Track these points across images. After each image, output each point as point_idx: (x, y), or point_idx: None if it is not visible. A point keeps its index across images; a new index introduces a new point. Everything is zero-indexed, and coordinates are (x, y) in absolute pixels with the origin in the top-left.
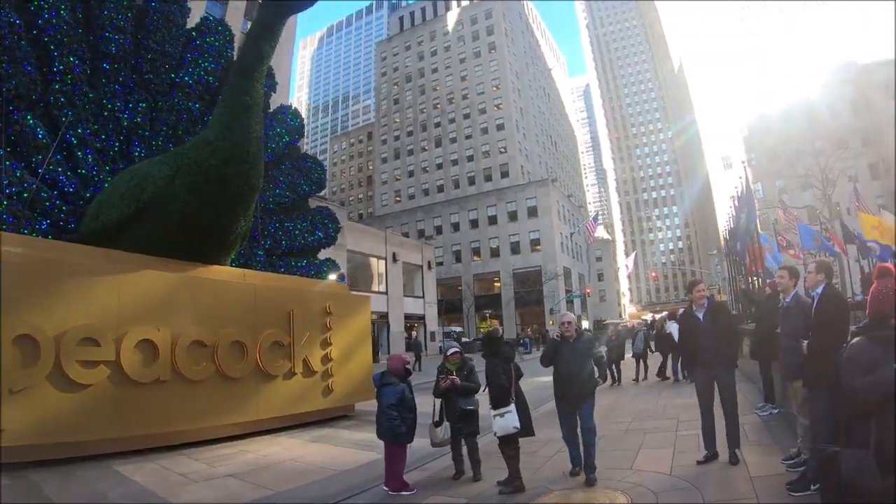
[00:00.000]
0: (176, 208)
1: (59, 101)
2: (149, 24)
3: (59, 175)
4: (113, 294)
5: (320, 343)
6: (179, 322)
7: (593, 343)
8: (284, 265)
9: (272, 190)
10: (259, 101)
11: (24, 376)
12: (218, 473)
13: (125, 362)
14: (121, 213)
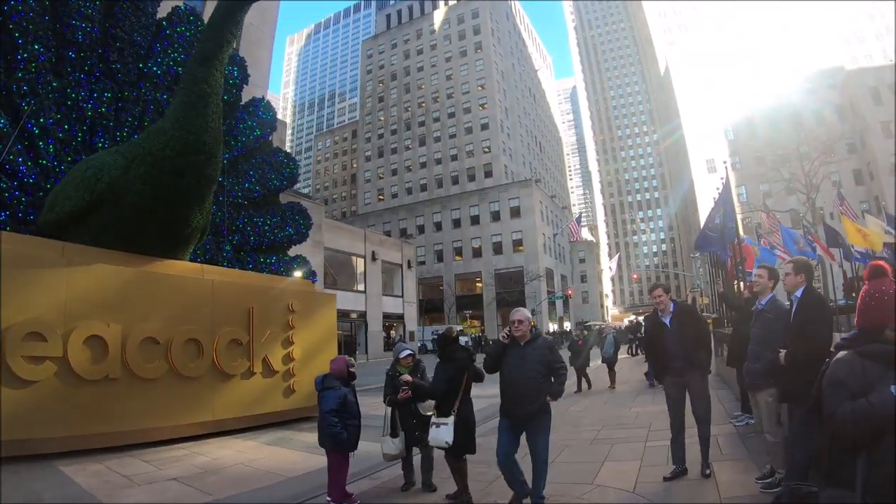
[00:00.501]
0: (130, 200)
1: (22, 90)
2: (117, 12)
3: (20, 165)
4: (61, 288)
5: (282, 342)
6: (131, 318)
7: (552, 349)
8: (253, 261)
9: (241, 184)
10: (218, 91)
11: None
12: (162, 476)
13: (73, 359)
14: (75, 205)
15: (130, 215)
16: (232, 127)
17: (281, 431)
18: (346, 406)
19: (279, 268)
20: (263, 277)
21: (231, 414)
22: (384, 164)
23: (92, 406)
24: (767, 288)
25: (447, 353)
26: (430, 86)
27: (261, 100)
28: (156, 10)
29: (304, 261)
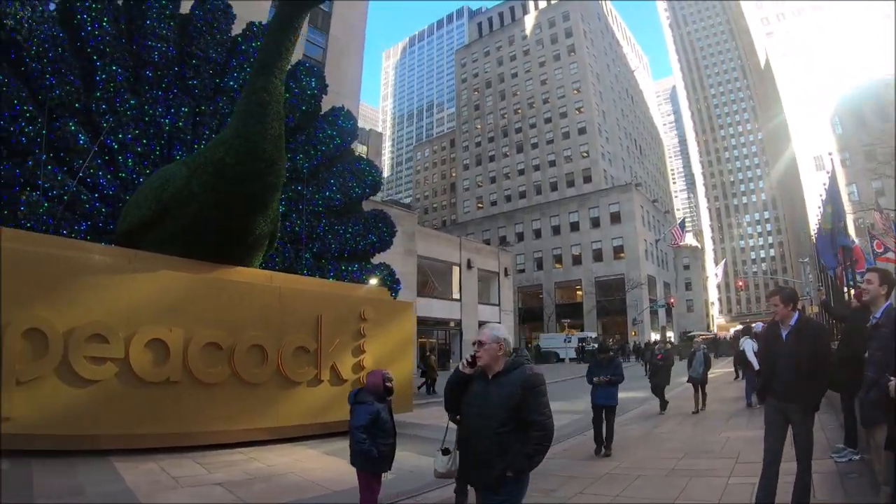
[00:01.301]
0: (194, 209)
1: (101, 108)
2: (192, 31)
3: (100, 178)
4: (125, 293)
5: (352, 350)
6: (194, 323)
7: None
8: (334, 269)
9: (321, 192)
10: (277, 99)
11: (32, 368)
12: (209, 480)
13: (134, 361)
14: (144, 214)
15: (195, 223)
16: (311, 136)
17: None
18: (378, 423)
19: (361, 276)
20: (335, 285)
21: (295, 421)
22: (482, 171)
23: (152, 407)
24: (880, 296)
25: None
26: (525, 91)
27: (341, 109)
28: (230, 27)
29: (388, 269)
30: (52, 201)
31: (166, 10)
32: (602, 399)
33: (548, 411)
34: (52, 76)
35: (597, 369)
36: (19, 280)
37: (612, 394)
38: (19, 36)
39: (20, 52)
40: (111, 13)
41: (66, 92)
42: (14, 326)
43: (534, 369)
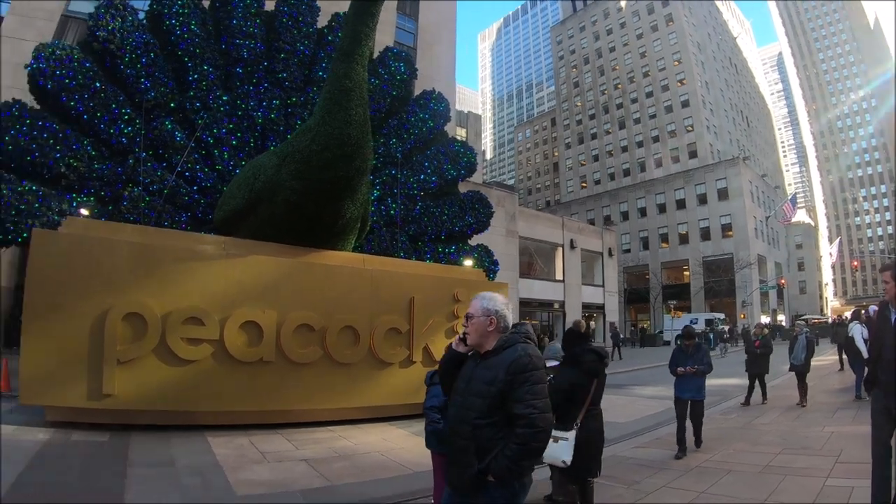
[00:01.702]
0: (284, 196)
1: (195, 106)
2: (279, 27)
3: (198, 172)
4: (220, 277)
5: (445, 332)
6: (287, 305)
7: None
8: (431, 251)
9: (416, 175)
10: (361, 85)
11: (132, 349)
12: (295, 456)
13: (228, 341)
14: (238, 203)
15: (285, 210)
16: (403, 121)
17: None
18: None
19: (458, 257)
20: (429, 267)
21: (387, 401)
22: (585, 150)
23: (245, 385)
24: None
25: (573, 354)
26: (624, 66)
27: (431, 92)
28: (315, 19)
29: (486, 250)
30: (153, 195)
31: (251, 9)
32: (687, 392)
33: (540, 403)
34: (147, 79)
35: (681, 358)
36: (120, 268)
37: (698, 386)
38: (112, 45)
39: (115, 60)
40: (198, 16)
41: (161, 93)
42: (115, 311)
43: (528, 350)
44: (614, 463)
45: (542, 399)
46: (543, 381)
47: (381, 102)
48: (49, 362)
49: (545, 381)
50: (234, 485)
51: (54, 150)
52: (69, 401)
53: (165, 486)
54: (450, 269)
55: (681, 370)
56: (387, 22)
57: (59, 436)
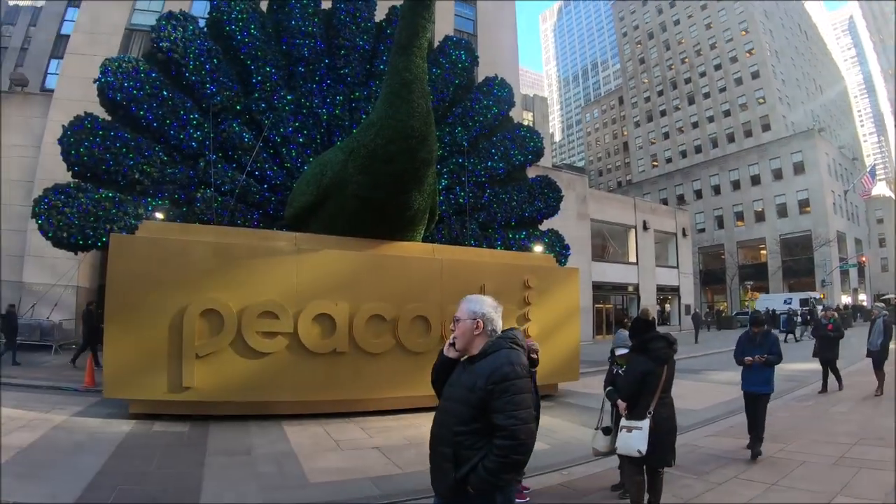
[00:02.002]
0: (352, 190)
1: (261, 107)
2: (336, 24)
3: (267, 171)
4: (292, 272)
5: (517, 319)
6: (358, 297)
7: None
8: (501, 238)
9: (483, 163)
10: (421, 77)
11: (210, 344)
12: (367, 444)
13: (303, 334)
14: (307, 199)
15: (353, 204)
16: (468, 108)
17: None
18: None
19: (529, 243)
20: (498, 254)
21: None
22: (654, 128)
23: (320, 376)
24: None
25: (642, 342)
26: (690, 39)
27: (494, 78)
28: (373, 14)
29: (556, 235)
30: (224, 195)
31: (308, 9)
32: (754, 384)
33: (522, 414)
34: (212, 84)
35: (747, 346)
36: (196, 267)
37: (766, 378)
38: (176, 54)
39: (180, 68)
40: (257, 20)
41: (227, 97)
42: (193, 308)
43: (511, 358)
44: (685, 452)
45: (524, 410)
46: (526, 390)
47: (443, 92)
48: (131, 358)
49: (528, 390)
50: (307, 472)
51: (127, 157)
52: (151, 394)
53: (242, 474)
54: (520, 255)
55: (748, 360)
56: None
57: (141, 427)
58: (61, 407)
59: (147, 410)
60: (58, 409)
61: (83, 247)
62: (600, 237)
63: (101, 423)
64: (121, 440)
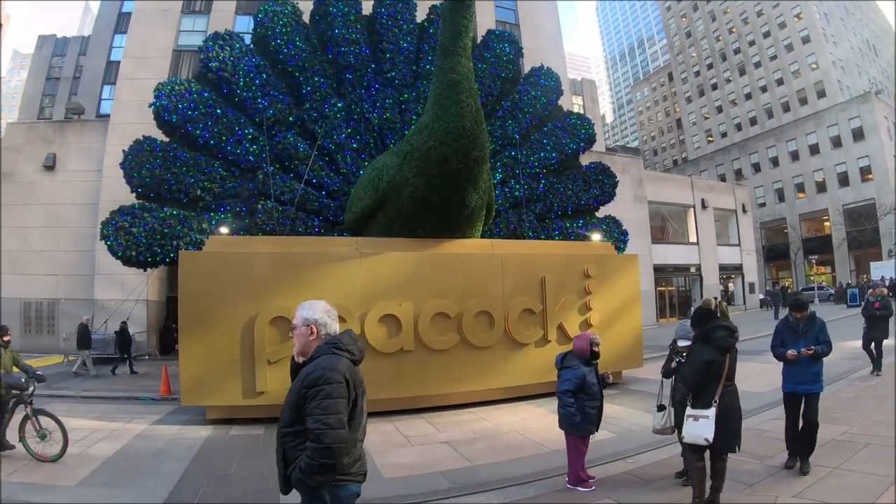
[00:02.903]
0: (408, 192)
1: (313, 116)
2: (380, 28)
3: (324, 178)
4: (356, 276)
5: (578, 308)
6: (422, 296)
7: (314, 381)
8: (559, 228)
9: (536, 154)
10: (468, 76)
11: (280, 350)
12: (437, 439)
13: (370, 335)
14: (365, 204)
15: (411, 206)
16: (516, 101)
17: None
18: (584, 387)
19: (587, 231)
20: (556, 245)
21: (525, 381)
22: (707, 102)
23: (389, 375)
24: None
25: (704, 332)
26: (735, 7)
27: (540, 68)
28: (413, 15)
29: (614, 221)
30: (284, 205)
31: (350, 16)
32: (797, 383)
33: (329, 419)
34: (264, 99)
35: (788, 336)
36: (262, 277)
37: (814, 374)
38: (226, 73)
39: (230, 85)
40: (301, 32)
41: (279, 109)
42: (262, 317)
43: (324, 363)
44: (749, 437)
45: (332, 415)
46: (336, 395)
47: (491, 86)
48: (206, 367)
49: (339, 395)
50: (381, 468)
51: (188, 176)
52: (226, 400)
53: None
54: (578, 245)
55: (791, 353)
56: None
57: (219, 432)
58: (141, 416)
59: (223, 416)
60: (138, 419)
61: (152, 264)
62: (659, 218)
63: (179, 430)
64: (200, 445)
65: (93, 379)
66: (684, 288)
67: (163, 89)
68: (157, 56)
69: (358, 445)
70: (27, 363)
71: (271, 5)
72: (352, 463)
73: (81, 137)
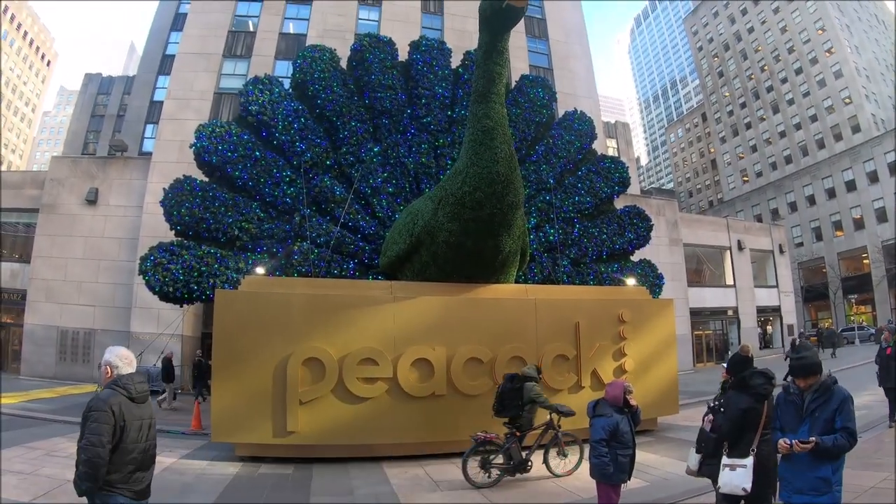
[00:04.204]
0: (443, 237)
1: (349, 161)
2: (415, 74)
3: (360, 221)
4: (389, 320)
5: (612, 354)
6: (455, 341)
7: (86, 409)
8: (593, 272)
9: (570, 198)
10: (502, 122)
11: (312, 391)
12: (467, 485)
13: (402, 379)
14: (401, 248)
15: (445, 251)
16: (550, 145)
17: None
18: (617, 435)
19: (622, 275)
20: (591, 290)
21: None
22: (741, 141)
23: (420, 418)
24: None
25: (741, 379)
26: (766, 45)
27: (574, 112)
28: (448, 61)
29: (649, 265)
30: (320, 247)
31: (387, 63)
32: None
33: (93, 438)
34: (302, 143)
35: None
36: (297, 318)
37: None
38: (265, 116)
39: (269, 129)
40: (338, 78)
41: (316, 153)
42: (295, 357)
43: (99, 395)
44: None
45: (95, 436)
46: (101, 421)
47: (525, 131)
48: (237, 405)
49: (103, 421)
50: None
51: (226, 216)
52: (256, 438)
53: None
54: (612, 290)
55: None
56: (518, 47)
57: (248, 469)
58: (170, 450)
59: (253, 453)
60: (167, 452)
61: (188, 300)
62: (695, 261)
63: (208, 465)
64: (228, 481)
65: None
66: (721, 332)
67: (203, 131)
68: (198, 98)
69: (130, 467)
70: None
71: (310, 51)
72: (121, 479)
73: (123, 174)
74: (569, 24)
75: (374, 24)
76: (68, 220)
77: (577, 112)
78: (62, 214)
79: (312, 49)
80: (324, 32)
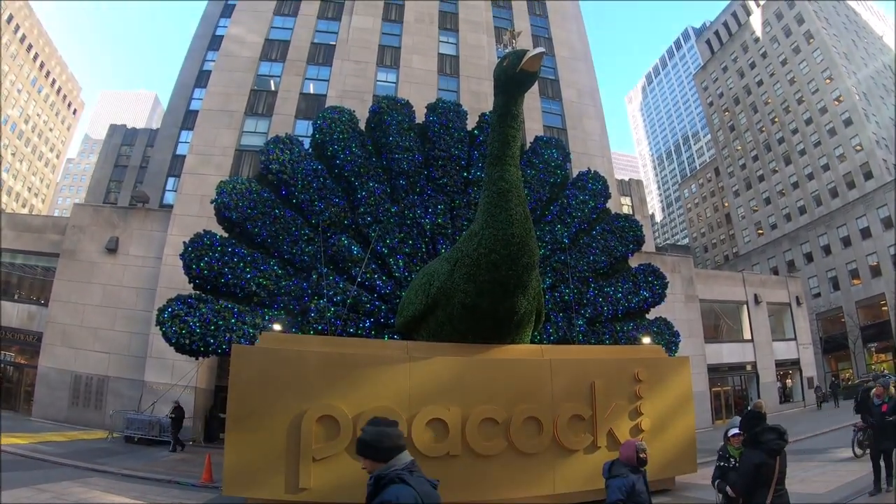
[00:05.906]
0: (458, 299)
1: (367, 220)
2: (432, 136)
3: (376, 281)
4: (405, 379)
5: (629, 413)
6: (470, 401)
7: None
8: (609, 332)
9: (585, 258)
10: (517, 184)
11: (326, 448)
12: None
13: (416, 438)
14: (417, 309)
15: (461, 311)
16: (565, 205)
17: None
18: (633, 495)
19: (637, 334)
20: (606, 350)
21: (573, 488)
22: (754, 194)
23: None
24: None
25: (754, 435)
26: (776, 97)
27: (587, 172)
28: (464, 123)
29: (665, 323)
30: (337, 306)
31: (404, 125)
32: None
33: None
34: (320, 202)
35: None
36: (312, 376)
37: None
38: (285, 175)
39: (289, 187)
40: (357, 139)
41: (334, 212)
42: (310, 414)
43: None
44: None
45: None
46: None
47: (540, 192)
48: (250, 460)
49: None
50: None
51: (245, 271)
52: (268, 493)
53: None
54: (628, 349)
55: None
56: (533, 108)
57: None
58: (179, 501)
59: None
60: None
61: (204, 353)
62: (712, 316)
63: None
64: None
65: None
66: (740, 387)
67: (224, 187)
68: (220, 154)
69: None
70: None
71: (329, 112)
72: None
73: (144, 225)
74: (581, 85)
75: (391, 86)
76: (88, 266)
77: (590, 172)
78: (82, 261)
79: (332, 110)
80: (343, 93)
